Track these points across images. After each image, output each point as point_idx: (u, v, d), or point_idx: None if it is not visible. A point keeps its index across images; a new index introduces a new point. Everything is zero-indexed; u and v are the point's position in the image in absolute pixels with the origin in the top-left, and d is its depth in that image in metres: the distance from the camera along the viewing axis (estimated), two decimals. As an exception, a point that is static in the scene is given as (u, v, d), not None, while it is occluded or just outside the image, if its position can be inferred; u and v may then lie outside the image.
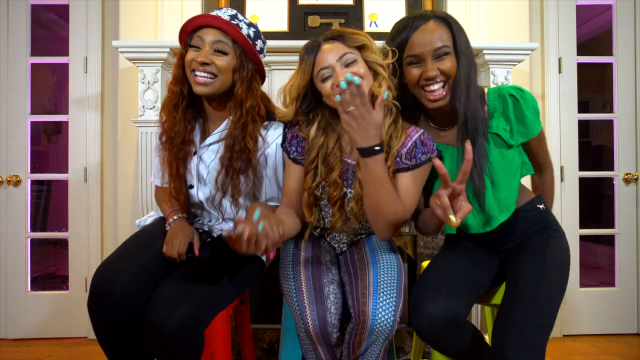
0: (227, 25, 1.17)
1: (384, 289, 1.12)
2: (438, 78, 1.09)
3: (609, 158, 2.35)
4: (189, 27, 1.20)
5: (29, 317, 2.21)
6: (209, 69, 1.16)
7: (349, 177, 1.20)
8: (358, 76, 1.00)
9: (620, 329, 2.24)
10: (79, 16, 2.21)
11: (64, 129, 2.29)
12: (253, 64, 1.22)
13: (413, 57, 1.11)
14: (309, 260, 1.21)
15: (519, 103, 1.13)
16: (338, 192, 1.17)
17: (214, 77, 1.17)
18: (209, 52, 1.16)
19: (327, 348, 1.14)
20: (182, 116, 1.22)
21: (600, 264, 2.85)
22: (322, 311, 1.11)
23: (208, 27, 1.17)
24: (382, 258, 1.21)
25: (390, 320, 1.09)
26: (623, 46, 2.29)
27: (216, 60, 1.16)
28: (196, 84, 1.17)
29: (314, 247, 1.27)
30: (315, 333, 1.11)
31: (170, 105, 1.23)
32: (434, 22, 1.11)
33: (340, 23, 1.97)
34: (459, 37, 1.11)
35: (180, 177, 1.26)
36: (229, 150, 1.20)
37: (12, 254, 2.21)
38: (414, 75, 1.11)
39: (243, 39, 1.18)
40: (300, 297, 1.14)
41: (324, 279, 1.17)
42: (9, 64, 2.21)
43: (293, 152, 1.22)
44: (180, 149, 1.24)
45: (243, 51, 1.19)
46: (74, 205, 2.22)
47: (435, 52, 1.08)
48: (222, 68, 1.17)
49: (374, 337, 1.10)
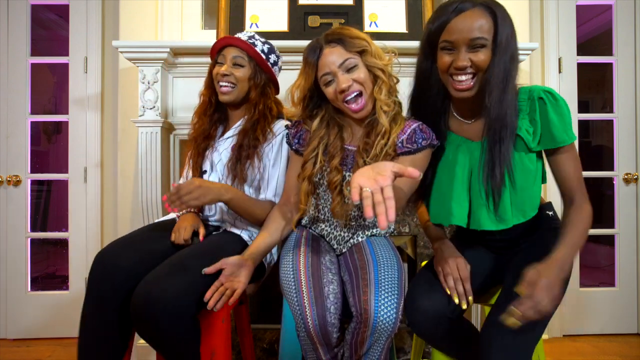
0: (243, 43, 1.43)
1: (385, 287, 1.13)
2: (468, 69, 1.05)
3: (609, 158, 2.35)
4: (217, 46, 1.45)
5: (29, 317, 2.21)
6: (229, 79, 1.41)
7: (348, 163, 1.25)
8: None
9: (620, 329, 2.24)
10: (79, 16, 2.21)
11: (64, 129, 2.29)
12: (265, 74, 1.46)
13: (448, 43, 1.06)
14: (309, 261, 1.22)
15: (547, 106, 1.07)
16: (339, 177, 1.21)
17: (234, 86, 1.42)
18: (230, 65, 1.42)
19: (328, 348, 1.14)
20: (209, 119, 1.49)
21: (600, 264, 2.85)
22: (322, 311, 1.11)
23: (230, 46, 1.43)
24: (382, 257, 1.22)
25: (393, 318, 1.09)
26: (623, 46, 2.29)
27: (235, 72, 1.41)
28: (221, 93, 1.43)
29: (313, 248, 1.27)
30: (315, 333, 1.11)
31: (200, 111, 1.50)
32: (478, 9, 1.04)
33: (340, 23, 1.97)
34: (502, 29, 1.03)
35: (198, 167, 1.47)
36: (240, 140, 1.41)
37: (12, 254, 2.21)
38: (445, 62, 1.08)
39: (256, 53, 1.44)
40: (300, 297, 1.14)
41: (323, 279, 1.18)
42: (9, 64, 2.21)
43: (295, 144, 1.32)
44: (201, 143, 1.47)
45: (257, 64, 1.44)
46: (74, 205, 2.22)
47: (470, 42, 1.03)
48: (239, 78, 1.42)
49: (376, 335, 1.10)
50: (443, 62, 1.08)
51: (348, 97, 1.17)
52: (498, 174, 1.07)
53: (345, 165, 1.24)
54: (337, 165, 1.21)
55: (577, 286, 2.24)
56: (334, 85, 1.17)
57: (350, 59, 1.16)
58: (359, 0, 1.98)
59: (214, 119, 1.50)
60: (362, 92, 1.18)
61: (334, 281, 1.19)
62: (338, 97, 1.17)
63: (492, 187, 1.09)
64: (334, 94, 1.17)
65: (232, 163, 1.41)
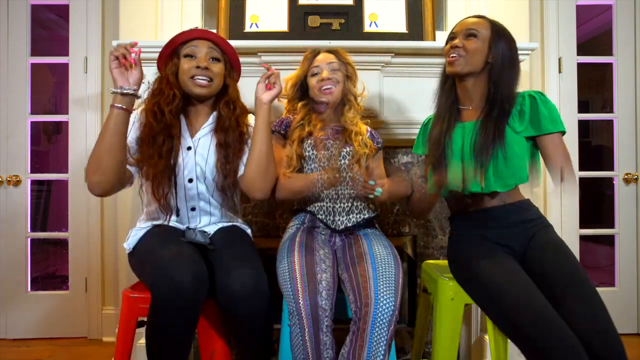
0: (217, 37, 1.40)
1: (384, 280, 1.20)
2: (457, 51, 1.30)
3: (609, 158, 2.35)
4: (181, 39, 1.37)
5: (29, 317, 2.21)
6: (208, 73, 1.34)
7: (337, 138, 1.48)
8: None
9: (620, 329, 2.20)
10: (79, 16, 2.21)
11: (64, 129, 2.29)
12: (236, 72, 1.46)
13: (451, 34, 1.35)
14: (303, 255, 1.29)
15: (536, 100, 1.28)
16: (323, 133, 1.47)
17: (210, 81, 1.36)
18: (206, 58, 1.35)
19: (314, 326, 1.15)
20: (170, 114, 1.34)
21: (600, 264, 2.85)
22: (314, 293, 1.18)
23: (201, 39, 1.37)
24: (380, 253, 1.30)
25: (391, 308, 1.15)
26: (623, 46, 2.29)
27: (212, 67, 1.36)
28: (197, 86, 1.35)
29: (307, 245, 1.33)
30: (305, 312, 1.15)
31: (167, 106, 1.33)
32: (482, 18, 1.34)
33: (340, 23, 1.97)
34: (497, 40, 1.30)
35: (164, 174, 1.32)
36: (223, 138, 1.36)
37: (12, 254, 2.21)
38: (446, 48, 1.35)
39: (231, 48, 1.41)
40: (294, 282, 1.21)
41: (317, 267, 1.24)
42: (9, 64, 2.21)
43: (284, 129, 1.51)
44: (164, 144, 1.32)
45: (229, 60, 1.42)
46: (74, 205, 2.22)
47: (466, 31, 1.31)
48: (217, 73, 1.37)
49: (376, 330, 1.12)
50: (445, 49, 1.35)
51: (324, 86, 1.45)
52: (491, 145, 1.25)
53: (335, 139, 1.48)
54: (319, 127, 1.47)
55: (577, 286, 2.24)
56: (318, 76, 1.47)
57: (336, 63, 1.48)
58: (359, 0, 1.98)
59: (176, 114, 1.36)
60: (335, 87, 1.46)
61: (327, 271, 1.25)
62: (317, 85, 1.46)
63: (482, 155, 1.26)
64: (316, 82, 1.47)
65: (221, 163, 1.36)
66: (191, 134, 1.40)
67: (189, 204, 1.39)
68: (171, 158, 1.33)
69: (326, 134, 1.47)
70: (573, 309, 1.08)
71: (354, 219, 1.44)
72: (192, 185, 1.37)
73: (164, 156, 1.31)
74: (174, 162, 1.34)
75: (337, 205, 1.43)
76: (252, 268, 1.22)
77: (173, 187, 1.35)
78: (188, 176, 1.37)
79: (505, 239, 1.27)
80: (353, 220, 1.44)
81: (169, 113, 1.33)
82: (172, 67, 1.37)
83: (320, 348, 1.15)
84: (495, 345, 1.45)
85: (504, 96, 1.28)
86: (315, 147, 1.45)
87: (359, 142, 1.46)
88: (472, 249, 1.28)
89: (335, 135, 1.49)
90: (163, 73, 1.39)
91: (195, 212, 1.41)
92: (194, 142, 1.39)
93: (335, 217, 1.43)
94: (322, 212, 1.44)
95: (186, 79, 1.35)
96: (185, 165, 1.36)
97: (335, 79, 1.46)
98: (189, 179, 1.37)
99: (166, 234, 1.33)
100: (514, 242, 1.27)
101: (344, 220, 1.43)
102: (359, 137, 1.47)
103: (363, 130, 1.51)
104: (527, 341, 1.06)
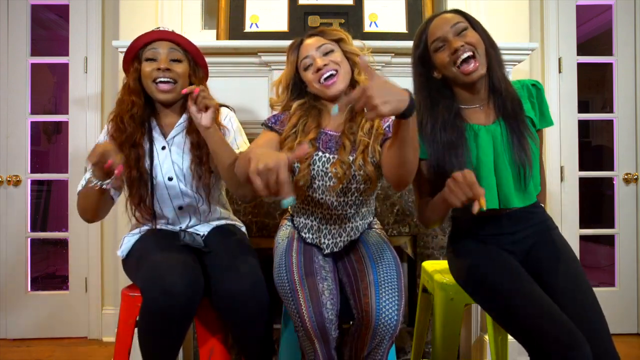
0: (177, 36, 1.34)
1: (386, 288, 1.13)
2: (466, 48, 1.13)
3: (609, 158, 2.35)
4: (140, 43, 1.32)
5: (29, 317, 2.21)
6: (169, 74, 1.29)
7: (331, 146, 1.26)
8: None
9: (620, 329, 2.24)
10: (79, 16, 2.21)
11: (64, 129, 2.29)
12: (202, 69, 1.40)
13: (437, 41, 1.17)
14: (302, 261, 1.22)
15: (540, 92, 1.23)
16: (312, 151, 1.24)
17: (175, 83, 1.31)
18: (166, 60, 1.30)
19: (325, 345, 1.13)
20: (137, 122, 1.33)
21: (600, 264, 2.85)
22: (318, 307, 1.11)
23: (160, 40, 1.32)
24: (380, 258, 1.22)
25: (395, 319, 1.09)
26: (623, 46, 2.29)
27: (174, 68, 1.31)
28: (160, 91, 1.30)
29: (305, 249, 1.28)
30: (312, 328, 1.10)
31: (127, 114, 1.31)
32: (447, 13, 1.21)
33: (340, 23, 1.97)
34: (474, 22, 1.19)
35: (137, 180, 1.32)
36: (196, 139, 1.32)
37: (12, 254, 2.21)
38: (444, 56, 1.16)
39: (192, 46, 1.36)
40: (296, 295, 1.14)
41: (317, 276, 1.18)
42: (9, 64, 2.21)
43: (271, 122, 1.32)
44: (131, 152, 1.30)
45: (193, 58, 1.36)
46: (74, 205, 2.21)
47: (454, 29, 1.15)
48: (180, 74, 1.32)
49: (378, 338, 1.09)
50: (442, 58, 1.16)
51: (323, 75, 1.22)
52: (527, 148, 1.15)
53: (329, 149, 1.25)
54: (311, 139, 1.24)
55: (577, 286, 2.24)
56: (312, 69, 1.24)
57: (326, 44, 1.25)
58: (359, 0, 1.98)
59: (141, 120, 1.34)
60: (338, 71, 1.23)
61: (328, 278, 1.19)
62: (315, 77, 1.23)
63: (522, 164, 1.15)
64: (312, 75, 1.24)
65: (195, 165, 1.33)
66: (164, 134, 1.38)
67: (174, 203, 1.37)
68: (139, 166, 1.31)
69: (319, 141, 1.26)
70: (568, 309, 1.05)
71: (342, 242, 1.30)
72: (173, 183, 1.35)
73: (132, 166, 1.30)
74: (150, 164, 1.33)
75: (323, 226, 1.29)
76: (249, 270, 1.21)
77: (150, 191, 1.33)
78: (167, 174, 1.35)
79: (508, 243, 1.22)
80: (340, 244, 1.30)
81: (130, 120, 1.31)
82: (133, 72, 1.33)
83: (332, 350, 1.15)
84: (495, 345, 1.46)
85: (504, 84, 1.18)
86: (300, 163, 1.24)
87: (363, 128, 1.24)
88: (473, 249, 1.23)
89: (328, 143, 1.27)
90: (125, 80, 1.37)
91: (184, 211, 1.39)
92: (167, 142, 1.37)
93: (322, 239, 1.29)
94: (306, 230, 1.31)
95: (149, 82, 1.31)
96: (162, 164, 1.35)
97: (334, 63, 1.23)
98: (169, 177, 1.35)
99: (159, 239, 1.32)
100: (517, 245, 1.21)
101: (330, 244, 1.29)
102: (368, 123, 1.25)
103: None
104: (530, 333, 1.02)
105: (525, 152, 1.15)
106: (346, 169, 1.20)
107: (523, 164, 1.15)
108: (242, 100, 1.82)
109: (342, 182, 1.22)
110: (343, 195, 1.25)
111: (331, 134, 1.28)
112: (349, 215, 1.29)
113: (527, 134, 1.17)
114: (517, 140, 1.16)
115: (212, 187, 1.38)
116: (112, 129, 1.33)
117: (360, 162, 1.20)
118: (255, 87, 1.82)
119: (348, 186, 1.24)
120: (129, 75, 1.35)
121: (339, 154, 1.22)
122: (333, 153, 1.24)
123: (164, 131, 1.39)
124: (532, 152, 1.17)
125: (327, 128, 1.29)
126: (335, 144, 1.26)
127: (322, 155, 1.24)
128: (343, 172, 1.20)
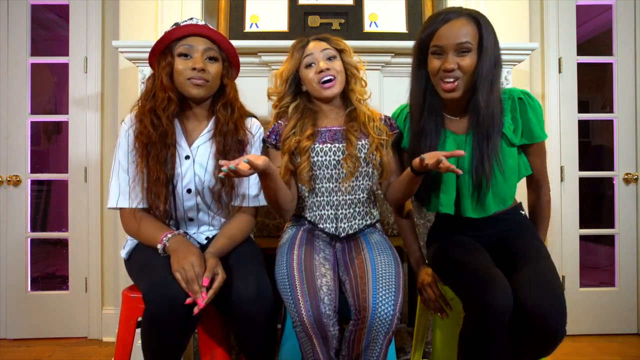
0: (215, 33, 1.28)
1: (383, 284, 1.16)
2: (456, 73, 1.16)
3: (609, 158, 2.35)
4: (173, 36, 1.25)
5: (29, 317, 2.21)
6: (204, 75, 1.24)
7: (338, 138, 1.35)
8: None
9: (620, 329, 2.24)
10: (79, 16, 2.21)
11: (64, 129, 2.29)
12: (236, 69, 1.37)
13: (437, 48, 1.18)
14: (302, 258, 1.25)
15: (526, 106, 1.23)
16: (308, 143, 1.31)
17: (206, 82, 1.26)
18: (202, 59, 1.24)
19: (323, 341, 1.14)
20: (168, 120, 1.25)
21: (600, 264, 2.85)
22: (316, 301, 1.13)
23: (196, 35, 1.25)
24: (380, 255, 1.26)
25: (390, 314, 1.12)
26: (623, 46, 2.29)
27: (209, 68, 1.26)
28: (194, 86, 1.24)
29: (307, 247, 1.30)
30: (309, 323, 1.12)
31: (164, 112, 1.24)
32: (464, 18, 1.17)
33: (340, 23, 1.97)
34: (486, 36, 1.17)
35: (162, 183, 1.23)
36: (221, 144, 1.28)
37: (12, 254, 2.21)
38: (435, 66, 1.19)
39: (229, 45, 1.31)
40: (294, 290, 1.17)
41: (316, 272, 1.20)
42: (9, 64, 2.21)
43: (274, 139, 1.38)
44: (161, 153, 1.24)
45: (227, 57, 1.32)
46: (74, 205, 2.22)
47: (457, 47, 1.15)
48: (213, 75, 1.27)
49: (374, 332, 1.12)
50: (433, 66, 1.20)
51: (324, 77, 1.31)
52: (487, 167, 1.19)
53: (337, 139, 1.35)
54: (308, 135, 1.32)
55: (577, 286, 2.23)
56: (314, 67, 1.32)
57: (330, 50, 1.34)
58: (359, 0, 1.98)
59: (172, 119, 1.27)
60: (336, 78, 1.33)
61: (327, 274, 1.21)
62: (315, 77, 1.32)
63: (479, 180, 1.20)
64: (313, 75, 1.32)
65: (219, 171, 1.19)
66: (188, 142, 1.31)
67: (187, 215, 1.33)
68: (167, 168, 1.24)
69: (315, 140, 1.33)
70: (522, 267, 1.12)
71: (357, 225, 1.37)
72: (190, 195, 1.30)
73: (160, 169, 1.22)
74: (171, 171, 1.26)
75: (339, 212, 1.35)
76: (255, 274, 1.19)
77: (171, 196, 1.28)
78: (187, 187, 1.29)
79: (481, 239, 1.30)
80: (355, 227, 1.37)
81: (167, 119, 1.24)
82: (165, 67, 1.25)
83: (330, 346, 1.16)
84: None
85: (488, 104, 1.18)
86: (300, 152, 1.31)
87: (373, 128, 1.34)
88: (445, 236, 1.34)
89: (334, 136, 1.35)
90: (156, 72, 1.28)
91: (194, 223, 1.35)
92: (192, 151, 1.30)
93: (338, 224, 1.35)
94: (323, 221, 1.36)
95: (183, 80, 1.24)
96: (184, 175, 1.28)
97: (334, 70, 1.32)
98: (188, 189, 1.29)
99: None
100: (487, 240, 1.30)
101: (346, 228, 1.35)
102: (372, 123, 1.34)
103: (376, 116, 1.38)
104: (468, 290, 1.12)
105: (484, 170, 1.19)
106: (355, 161, 1.31)
107: (479, 180, 1.20)
108: (242, 100, 1.81)
109: (353, 175, 1.32)
110: (355, 179, 1.35)
111: (335, 129, 1.37)
112: (362, 200, 1.37)
113: (493, 154, 1.19)
114: (479, 156, 1.19)
115: (228, 198, 1.32)
116: (145, 123, 1.23)
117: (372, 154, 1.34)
118: (255, 87, 1.81)
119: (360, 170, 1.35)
120: (161, 69, 1.26)
121: (347, 149, 1.32)
122: (341, 143, 1.34)
123: (188, 138, 1.31)
124: (505, 168, 1.21)
125: (327, 126, 1.38)
126: (341, 135, 1.35)
127: (332, 145, 1.34)
128: (353, 164, 1.31)
